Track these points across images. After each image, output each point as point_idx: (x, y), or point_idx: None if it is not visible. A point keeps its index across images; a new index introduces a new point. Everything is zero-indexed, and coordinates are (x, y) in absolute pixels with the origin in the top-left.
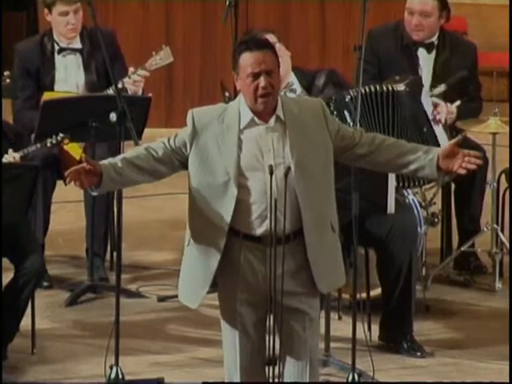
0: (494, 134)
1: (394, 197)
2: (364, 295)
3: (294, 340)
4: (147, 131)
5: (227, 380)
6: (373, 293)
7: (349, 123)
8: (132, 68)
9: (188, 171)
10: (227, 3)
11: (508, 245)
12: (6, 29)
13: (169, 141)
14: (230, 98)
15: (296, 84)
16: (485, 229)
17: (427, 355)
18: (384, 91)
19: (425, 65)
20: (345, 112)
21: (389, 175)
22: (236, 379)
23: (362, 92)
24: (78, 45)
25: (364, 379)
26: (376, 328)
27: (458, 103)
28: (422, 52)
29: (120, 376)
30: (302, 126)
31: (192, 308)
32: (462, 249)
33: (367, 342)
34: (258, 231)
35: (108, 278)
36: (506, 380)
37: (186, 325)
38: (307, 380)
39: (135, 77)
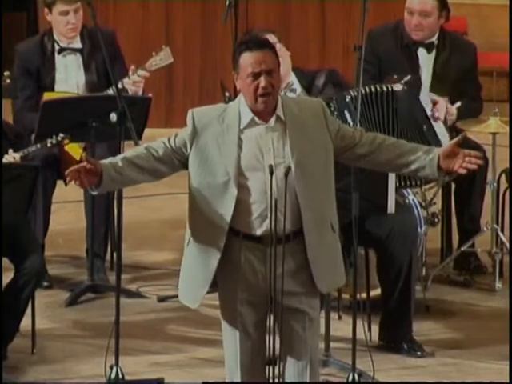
0: (494, 134)
1: (394, 197)
2: (364, 295)
3: (294, 340)
4: (147, 131)
5: (228, 380)
6: (373, 293)
7: (349, 123)
8: (133, 66)
9: (188, 171)
10: (227, 3)
11: (508, 245)
12: (6, 29)
13: (169, 140)
14: (230, 98)
15: (296, 84)
16: (485, 229)
17: (427, 355)
18: (381, 91)
19: (425, 65)
20: (345, 112)
21: (389, 175)
22: (237, 379)
23: (354, 94)
24: (79, 45)
25: (364, 379)
26: (376, 328)
27: (459, 104)
28: (422, 52)
29: (120, 376)
30: (302, 126)
31: (192, 308)
32: (462, 249)
33: (367, 342)
34: (258, 231)
35: (108, 279)
36: (506, 380)
37: (186, 325)
38: (307, 380)
39: (135, 77)
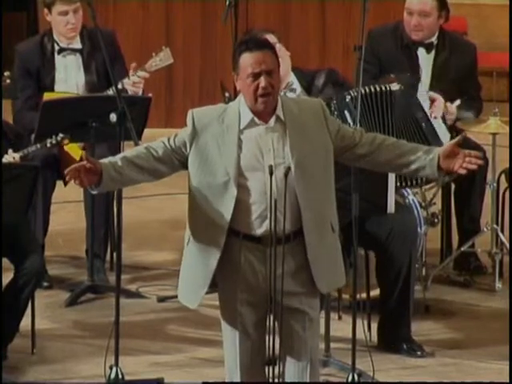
0: (494, 135)
1: (394, 197)
2: (364, 295)
3: (294, 340)
4: (147, 131)
5: (228, 380)
6: (373, 293)
7: (349, 123)
8: (134, 64)
9: (188, 171)
10: (227, 3)
11: (508, 245)
12: (6, 29)
13: (169, 140)
14: (230, 99)
15: (296, 84)
16: (485, 229)
17: (427, 355)
18: (379, 92)
19: (424, 65)
20: (345, 112)
21: (389, 175)
22: (236, 379)
23: (354, 94)
24: (78, 45)
25: (364, 379)
26: (376, 328)
27: (458, 102)
28: (422, 52)
29: (120, 376)
30: (302, 127)
31: (191, 308)
32: (462, 249)
33: (367, 342)
34: (258, 231)
35: (108, 279)
36: (506, 380)
37: (186, 325)
38: (307, 380)
39: (135, 78)
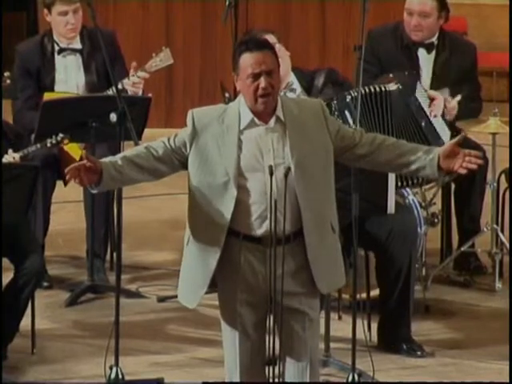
0: (494, 135)
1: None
2: (364, 295)
3: (294, 340)
4: (147, 131)
5: (227, 380)
6: (373, 293)
7: (349, 123)
8: (134, 63)
9: (188, 171)
10: (227, 3)
11: (508, 245)
12: (6, 29)
13: (169, 140)
14: (230, 99)
15: (296, 84)
16: (485, 229)
17: (427, 355)
18: (377, 92)
19: (424, 65)
20: (346, 112)
21: (389, 175)
22: (236, 379)
23: (354, 94)
24: (78, 45)
25: (364, 379)
26: (376, 328)
27: (459, 98)
28: (422, 52)
29: (120, 376)
30: (302, 127)
31: (190, 308)
32: (462, 249)
33: (367, 342)
34: (258, 232)
35: (108, 279)
36: (506, 380)
37: (186, 325)
38: (307, 380)
39: (134, 78)
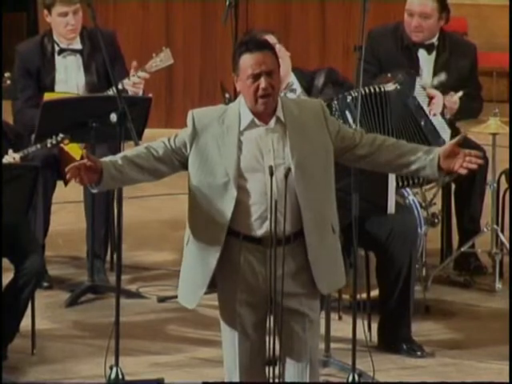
0: (494, 135)
1: (394, 197)
2: (364, 296)
3: (294, 341)
4: (147, 132)
5: (227, 380)
6: (373, 293)
7: (350, 123)
8: (135, 62)
9: (188, 171)
10: (227, 3)
11: (508, 245)
12: (6, 29)
13: (169, 140)
14: (230, 100)
15: (296, 84)
16: (485, 229)
17: (427, 355)
18: (375, 93)
19: (425, 65)
20: (346, 112)
21: (389, 175)
22: (236, 379)
23: (354, 95)
24: (78, 46)
25: (364, 379)
26: (376, 328)
27: (461, 94)
28: (422, 53)
29: (120, 376)
30: (302, 127)
31: (189, 308)
32: (462, 249)
33: (367, 343)
34: (259, 232)
35: (108, 279)
36: (506, 380)
37: (186, 325)
38: (307, 381)
39: (135, 79)
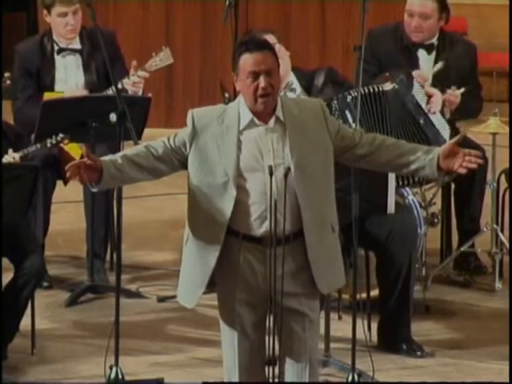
0: (494, 135)
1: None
2: (364, 295)
3: (294, 341)
4: (147, 131)
5: (226, 380)
6: (373, 293)
7: (350, 123)
8: (135, 62)
9: (187, 171)
10: (227, 3)
11: (508, 245)
12: (6, 29)
13: (169, 140)
14: (230, 99)
15: (296, 84)
16: (485, 229)
17: (427, 355)
18: (373, 93)
19: (425, 66)
20: (346, 112)
21: (389, 175)
22: (235, 379)
23: (353, 95)
24: (78, 45)
25: (364, 379)
26: (376, 328)
27: (463, 90)
28: (422, 53)
29: (120, 376)
30: (302, 127)
31: (189, 308)
32: (462, 249)
33: (367, 342)
34: (258, 232)
35: (108, 279)
36: (506, 380)
37: (186, 325)
38: (306, 380)
39: (134, 78)
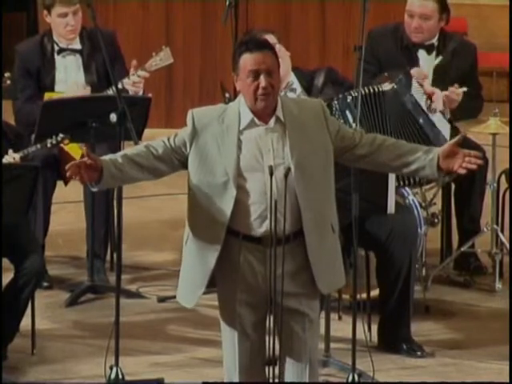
0: (494, 135)
1: (394, 197)
2: (364, 296)
3: (294, 341)
4: (147, 131)
5: (227, 380)
6: (373, 293)
7: (350, 123)
8: (135, 62)
9: (187, 170)
10: (227, 3)
11: (508, 245)
12: (6, 29)
13: (169, 140)
14: (230, 99)
15: (296, 84)
16: (485, 229)
17: (427, 355)
18: (373, 93)
19: (425, 66)
20: (346, 112)
21: (389, 175)
22: (235, 379)
23: (354, 95)
24: (78, 45)
25: (364, 379)
26: (376, 328)
27: (465, 89)
28: (422, 53)
29: (120, 376)
30: (302, 127)
31: (188, 308)
32: (462, 249)
33: (367, 343)
34: (258, 232)
35: (108, 279)
36: (506, 380)
37: (186, 325)
38: (307, 381)
39: (135, 78)
